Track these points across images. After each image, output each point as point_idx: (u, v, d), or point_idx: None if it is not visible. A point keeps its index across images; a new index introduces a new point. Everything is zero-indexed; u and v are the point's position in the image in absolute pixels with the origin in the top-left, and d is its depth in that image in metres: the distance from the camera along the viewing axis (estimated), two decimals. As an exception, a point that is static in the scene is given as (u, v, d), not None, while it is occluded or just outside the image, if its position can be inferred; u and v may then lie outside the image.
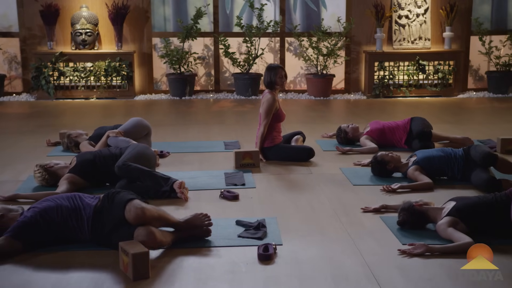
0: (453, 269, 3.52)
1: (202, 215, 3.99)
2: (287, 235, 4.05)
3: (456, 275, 3.45)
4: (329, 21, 10.75)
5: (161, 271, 3.50)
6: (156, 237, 3.70)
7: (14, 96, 10.48)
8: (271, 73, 6.13)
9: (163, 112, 9.33)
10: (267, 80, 6.15)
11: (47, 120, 8.54)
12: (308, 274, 3.47)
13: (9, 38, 10.64)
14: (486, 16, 11.02)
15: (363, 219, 4.37)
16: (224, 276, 3.44)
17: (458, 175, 5.29)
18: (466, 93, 10.84)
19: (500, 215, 3.96)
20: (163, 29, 10.93)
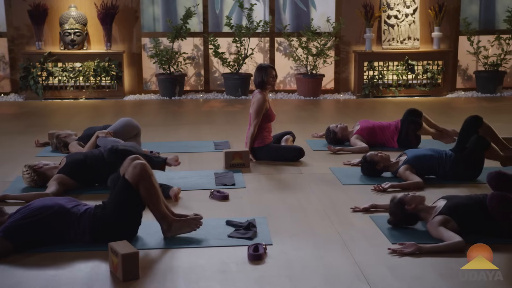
0: (443, 268, 3.53)
1: (198, 221, 4.01)
2: (277, 235, 4.05)
3: (446, 274, 3.46)
4: (319, 21, 10.77)
5: (151, 271, 3.49)
6: (148, 169, 3.86)
7: (2, 96, 10.42)
8: (262, 73, 6.12)
9: (152, 112, 9.31)
10: (258, 80, 6.14)
11: (36, 120, 8.50)
12: (299, 274, 3.47)
13: (-4, 38, 10.60)
14: (475, 16, 11.07)
15: (353, 219, 4.38)
16: (215, 276, 3.44)
17: (448, 174, 5.32)
18: (455, 92, 10.89)
19: (489, 215, 3.98)
20: (152, 29, 10.91)
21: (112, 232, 3.82)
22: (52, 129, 7.01)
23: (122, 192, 3.89)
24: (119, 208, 3.87)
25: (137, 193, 3.87)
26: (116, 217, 3.86)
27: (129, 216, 3.93)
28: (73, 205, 3.92)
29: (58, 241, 3.84)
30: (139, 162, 3.92)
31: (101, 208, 3.93)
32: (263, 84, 6.13)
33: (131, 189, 3.86)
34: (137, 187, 3.86)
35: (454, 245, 3.77)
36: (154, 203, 3.93)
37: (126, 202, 3.88)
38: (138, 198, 3.88)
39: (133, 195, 3.87)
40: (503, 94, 10.72)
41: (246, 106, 9.21)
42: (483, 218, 3.99)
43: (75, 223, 3.84)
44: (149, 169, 3.93)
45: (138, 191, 3.86)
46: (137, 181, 3.86)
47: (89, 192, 5.01)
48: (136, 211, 3.94)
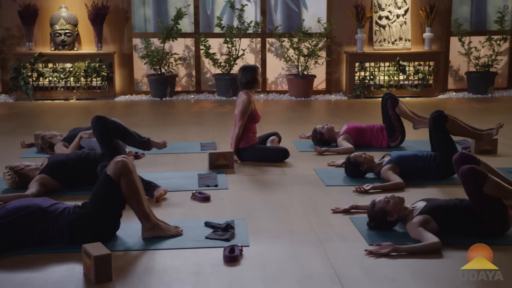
0: (418, 269, 3.52)
1: (178, 231, 4.05)
2: (255, 236, 4.04)
3: (420, 275, 3.46)
4: (310, 21, 10.75)
5: (125, 274, 3.48)
6: (130, 166, 3.86)
7: (-8, 97, 10.42)
8: (248, 73, 6.10)
9: (142, 113, 9.29)
10: (245, 80, 6.10)
11: (24, 121, 8.49)
12: (272, 275, 3.46)
13: (-14, 39, 10.58)
14: (466, 17, 11.07)
15: (332, 220, 4.37)
16: (189, 278, 3.43)
17: (434, 175, 5.32)
18: (446, 93, 10.88)
19: (468, 217, 3.98)
20: (143, 29, 10.89)
21: (91, 232, 3.81)
22: (40, 129, 6.98)
23: (104, 189, 3.88)
24: (99, 205, 3.85)
25: (118, 190, 3.86)
26: (96, 216, 3.84)
27: (109, 215, 3.91)
28: (50, 205, 3.90)
29: (37, 242, 3.82)
30: (121, 158, 3.92)
31: (80, 207, 3.92)
32: (250, 84, 6.11)
33: (113, 185, 3.85)
34: (119, 182, 3.85)
35: (431, 246, 3.77)
36: (136, 200, 3.92)
37: (107, 199, 3.87)
38: (119, 195, 3.87)
39: (114, 192, 3.86)
40: (494, 95, 10.72)
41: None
42: (463, 218, 3.99)
43: (52, 222, 3.82)
44: (130, 166, 3.92)
45: (120, 188, 3.86)
46: (118, 177, 3.85)
47: (71, 193, 4.99)
48: (116, 209, 3.92)
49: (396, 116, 6.54)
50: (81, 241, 3.65)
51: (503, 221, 3.97)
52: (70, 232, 3.81)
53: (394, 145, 6.57)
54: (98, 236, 3.78)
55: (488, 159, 6.03)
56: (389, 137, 6.58)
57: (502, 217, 3.96)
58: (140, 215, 3.98)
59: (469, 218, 3.98)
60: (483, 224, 3.96)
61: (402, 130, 6.57)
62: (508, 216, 3.98)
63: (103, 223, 3.89)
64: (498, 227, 3.98)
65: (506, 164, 5.93)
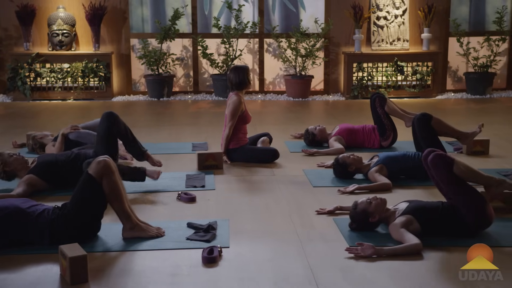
0: (397, 271, 3.50)
1: (160, 232, 4.04)
2: (236, 237, 4.03)
3: (398, 277, 3.43)
4: (308, 22, 10.73)
5: (101, 275, 3.47)
6: (112, 165, 3.86)
7: (-10, 97, 10.44)
8: (240, 73, 6.08)
9: (138, 113, 9.29)
10: (236, 80, 6.08)
11: (20, 121, 8.50)
12: (249, 277, 3.44)
13: (-16, 39, 10.61)
14: (464, 17, 11.02)
15: (315, 221, 4.35)
16: (164, 279, 3.41)
17: (423, 174, 5.28)
18: (445, 94, 10.84)
19: (450, 217, 3.96)
20: (141, 30, 10.89)
21: (70, 233, 3.80)
22: (34, 130, 6.98)
23: (85, 188, 3.87)
24: (80, 205, 3.84)
25: (100, 189, 3.85)
26: (76, 216, 3.83)
27: (90, 215, 3.90)
28: (29, 206, 3.89)
29: (16, 243, 3.82)
30: (103, 158, 3.92)
31: (60, 208, 3.91)
32: (241, 85, 6.09)
33: (95, 185, 3.84)
34: (101, 182, 3.85)
35: (411, 248, 3.75)
36: (118, 200, 3.91)
37: (88, 199, 3.86)
38: (101, 195, 3.87)
39: (96, 191, 3.85)
40: (492, 95, 10.67)
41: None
42: (445, 218, 3.97)
43: (31, 224, 3.82)
44: (113, 166, 3.91)
45: (101, 187, 3.85)
46: (100, 176, 3.85)
47: (59, 194, 4.97)
48: (97, 209, 3.92)
49: (386, 114, 6.53)
50: (61, 242, 3.63)
51: (483, 214, 3.95)
52: (49, 233, 3.80)
53: (386, 144, 6.55)
54: (78, 237, 3.78)
55: (480, 160, 6.06)
56: (381, 136, 6.56)
57: (481, 210, 3.94)
58: (121, 215, 3.97)
59: (451, 218, 3.97)
60: (464, 222, 3.94)
61: (393, 128, 6.56)
62: (488, 210, 3.98)
63: (83, 223, 3.88)
64: (479, 221, 3.97)
65: (497, 165, 5.90)
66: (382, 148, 6.53)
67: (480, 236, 3.96)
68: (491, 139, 6.74)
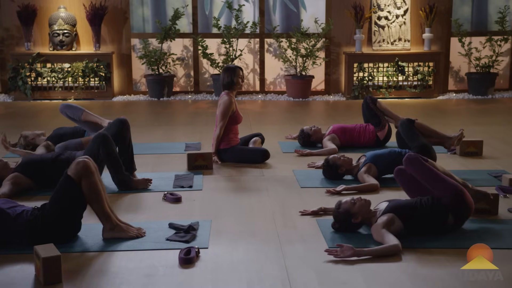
0: (372, 273, 3.48)
1: (140, 232, 4.04)
2: (216, 238, 4.02)
3: (371, 278, 3.41)
4: (309, 22, 10.69)
5: (76, 275, 3.46)
6: (91, 166, 3.87)
7: (-9, 96, 10.49)
8: (231, 74, 6.09)
9: (136, 113, 9.28)
10: (227, 80, 6.09)
11: (18, 121, 8.53)
12: (223, 278, 3.43)
13: (-14, 39, 10.66)
14: (466, 17, 10.94)
15: (298, 222, 4.33)
16: (138, 280, 3.40)
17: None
18: (446, 94, 10.76)
19: (430, 212, 3.99)
20: (142, 30, 10.90)
21: (49, 233, 3.81)
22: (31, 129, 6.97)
23: (64, 189, 3.87)
24: (59, 205, 3.84)
25: (79, 190, 3.85)
26: (55, 217, 3.83)
27: (69, 216, 3.89)
28: (8, 207, 3.90)
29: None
30: (82, 159, 3.92)
31: (39, 209, 3.91)
32: (231, 85, 6.09)
33: (74, 186, 3.84)
34: (80, 183, 3.85)
35: (390, 249, 3.73)
36: (97, 201, 3.91)
37: (67, 200, 3.86)
38: (79, 196, 3.87)
39: (75, 192, 3.85)
40: (494, 96, 10.59)
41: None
42: (425, 214, 3.99)
43: (10, 224, 3.82)
44: (92, 166, 3.91)
45: (81, 188, 3.85)
46: (79, 177, 3.85)
47: (45, 194, 4.96)
48: (76, 210, 3.92)
49: (378, 109, 6.63)
50: (39, 242, 3.62)
51: (463, 200, 4.00)
52: (28, 233, 3.81)
53: (382, 135, 6.57)
54: (57, 237, 3.79)
55: (473, 161, 6.01)
56: (376, 127, 6.58)
57: (460, 195, 4.01)
58: (101, 215, 3.97)
59: (430, 211, 3.99)
60: (446, 215, 3.98)
61: (387, 121, 6.59)
62: (467, 198, 4.03)
63: (62, 224, 3.88)
64: (459, 208, 4.00)
65: (489, 166, 5.85)
66: (378, 143, 6.55)
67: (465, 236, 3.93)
68: (487, 140, 6.72)
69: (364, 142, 6.58)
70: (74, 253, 3.76)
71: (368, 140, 6.58)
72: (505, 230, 4.14)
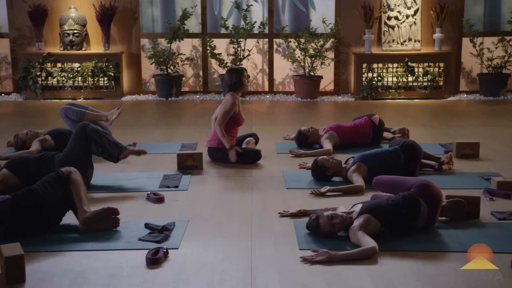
0: (336, 276, 3.44)
1: (110, 209, 4.15)
2: (189, 239, 4.01)
3: (334, 281, 3.37)
4: (318, 22, 10.63)
5: (40, 275, 3.46)
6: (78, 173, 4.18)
7: (3, 96, 10.61)
8: (236, 75, 6.08)
9: (141, 112, 9.31)
10: (232, 81, 6.08)
11: (24, 119, 8.61)
12: (185, 279, 3.42)
13: (-1, 39, 10.81)
14: (479, 17, 10.77)
15: (275, 224, 4.30)
16: (100, 280, 3.40)
17: (401, 170, 5.22)
18: (457, 95, 10.61)
19: (403, 207, 3.99)
20: (151, 30, 10.95)
21: (26, 223, 3.96)
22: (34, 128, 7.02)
23: (51, 180, 4.09)
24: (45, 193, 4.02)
25: (66, 182, 4.08)
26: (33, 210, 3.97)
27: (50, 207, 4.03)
28: None
29: None
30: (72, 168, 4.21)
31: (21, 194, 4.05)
32: (236, 86, 6.08)
33: (62, 179, 4.09)
34: (68, 177, 4.11)
35: (366, 252, 3.69)
36: (81, 193, 4.12)
37: (53, 188, 4.07)
38: (65, 187, 4.08)
39: (61, 182, 4.09)
40: (506, 97, 10.41)
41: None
42: (399, 209, 3.99)
43: None
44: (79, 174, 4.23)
45: (69, 180, 4.10)
46: (68, 174, 4.12)
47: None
48: (59, 200, 4.07)
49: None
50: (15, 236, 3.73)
51: (431, 191, 4.07)
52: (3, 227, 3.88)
53: (376, 119, 6.67)
54: (34, 232, 3.97)
55: (468, 163, 5.92)
56: (370, 116, 6.72)
57: (426, 184, 4.10)
58: (80, 207, 4.10)
59: (404, 205, 3.99)
60: (418, 203, 4.00)
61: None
62: (433, 186, 4.11)
63: (39, 218, 3.98)
64: (430, 199, 4.04)
65: (483, 168, 5.76)
66: (376, 130, 6.61)
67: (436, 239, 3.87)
68: (489, 142, 6.63)
69: (362, 132, 6.55)
70: (44, 252, 3.78)
71: (365, 129, 6.56)
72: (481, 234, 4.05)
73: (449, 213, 4.35)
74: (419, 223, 4.03)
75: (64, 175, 4.13)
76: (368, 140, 6.60)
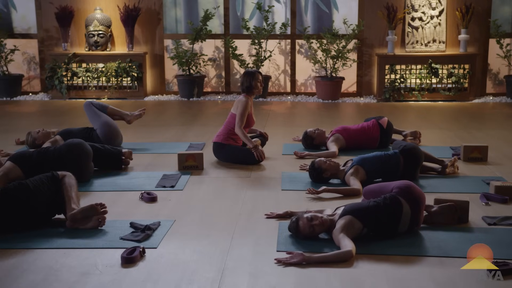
0: (304, 277, 3.41)
1: (97, 205, 4.22)
2: (171, 239, 4.02)
3: (304, 282, 3.35)
4: (341, 23, 10.53)
5: (14, 272, 3.51)
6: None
7: (30, 95, 10.84)
8: (250, 78, 6.14)
9: (159, 113, 9.36)
10: (246, 84, 6.14)
11: (48, 119, 8.76)
12: (155, 278, 3.43)
13: (28, 40, 11.02)
14: (507, 18, 10.52)
15: (260, 225, 4.28)
16: (71, 278, 3.44)
17: (401, 174, 5.15)
18: (483, 98, 10.39)
19: (384, 208, 3.97)
20: (174, 31, 11.04)
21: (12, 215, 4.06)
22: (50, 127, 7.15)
23: (45, 178, 4.28)
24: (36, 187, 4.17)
25: (59, 183, 4.25)
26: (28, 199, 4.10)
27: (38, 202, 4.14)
28: None
29: None
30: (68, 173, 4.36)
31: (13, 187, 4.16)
32: (250, 89, 6.13)
33: (56, 177, 4.26)
34: (62, 178, 4.27)
35: (342, 255, 3.66)
36: (72, 192, 4.24)
37: (45, 185, 4.21)
38: (57, 187, 4.23)
39: (54, 181, 4.25)
40: (534, 99, 10.16)
41: (257, 108, 9.18)
42: (383, 208, 3.97)
43: None
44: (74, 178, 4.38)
45: (62, 181, 4.26)
46: (62, 176, 4.28)
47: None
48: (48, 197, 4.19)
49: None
50: None
51: (412, 192, 4.06)
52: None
53: (384, 122, 6.56)
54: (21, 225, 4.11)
55: (475, 167, 5.80)
56: (378, 119, 6.62)
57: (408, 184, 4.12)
58: (69, 205, 4.20)
59: (386, 205, 3.98)
60: (399, 202, 3.98)
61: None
62: (415, 187, 4.11)
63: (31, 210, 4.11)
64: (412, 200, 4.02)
65: (489, 172, 5.64)
66: (384, 133, 6.50)
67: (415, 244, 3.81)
68: (499, 145, 6.50)
69: (369, 135, 6.48)
70: (25, 249, 3.84)
71: (373, 132, 6.48)
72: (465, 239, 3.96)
73: (441, 218, 4.27)
74: (401, 225, 3.97)
75: (58, 177, 4.29)
76: (376, 143, 6.52)
